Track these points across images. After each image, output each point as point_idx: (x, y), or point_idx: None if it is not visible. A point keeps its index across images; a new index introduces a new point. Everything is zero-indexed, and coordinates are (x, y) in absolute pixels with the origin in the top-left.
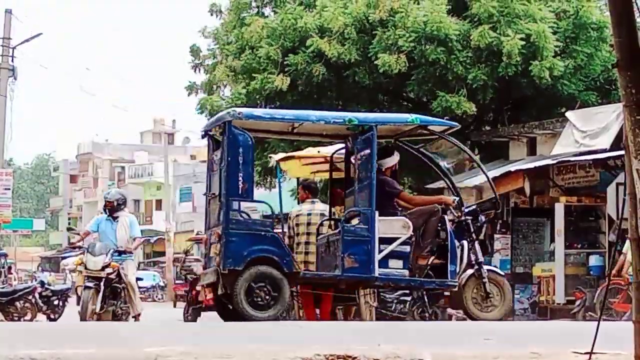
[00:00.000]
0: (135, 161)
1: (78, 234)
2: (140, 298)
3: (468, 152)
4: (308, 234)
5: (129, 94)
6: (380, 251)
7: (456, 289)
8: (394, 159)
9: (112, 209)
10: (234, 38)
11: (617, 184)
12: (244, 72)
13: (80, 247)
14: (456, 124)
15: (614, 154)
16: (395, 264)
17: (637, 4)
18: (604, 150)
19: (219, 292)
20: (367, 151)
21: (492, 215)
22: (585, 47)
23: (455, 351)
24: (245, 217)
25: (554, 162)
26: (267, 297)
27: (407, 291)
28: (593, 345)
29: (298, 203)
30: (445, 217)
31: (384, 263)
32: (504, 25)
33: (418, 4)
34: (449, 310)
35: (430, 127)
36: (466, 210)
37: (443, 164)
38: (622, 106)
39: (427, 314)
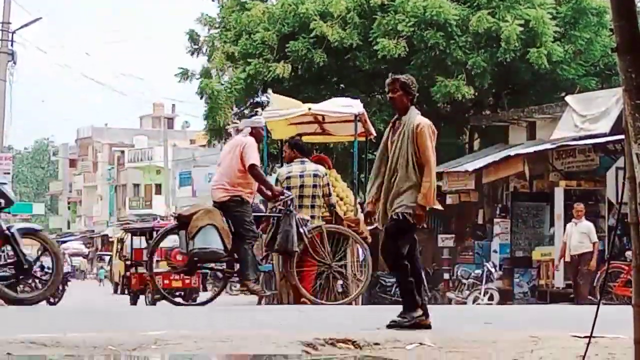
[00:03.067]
0: (135, 145)
1: None
2: None
3: None
4: (301, 196)
5: (129, 78)
6: None
7: None
8: None
9: None
10: (232, 23)
11: (617, 168)
12: (242, 57)
13: None
14: None
15: (614, 138)
16: None
17: None
18: (604, 135)
19: None
20: None
21: None
22: (585, 32)
23: (454, 335)
24: None
25: (554, 146)
26: None
27: None
28: (592, 329)
29: (285, 163)
30: None
31: None
32: (503, 11)
33: None
34: (448, 294)
35: None
36: None
37: None
38: (621, 90)
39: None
